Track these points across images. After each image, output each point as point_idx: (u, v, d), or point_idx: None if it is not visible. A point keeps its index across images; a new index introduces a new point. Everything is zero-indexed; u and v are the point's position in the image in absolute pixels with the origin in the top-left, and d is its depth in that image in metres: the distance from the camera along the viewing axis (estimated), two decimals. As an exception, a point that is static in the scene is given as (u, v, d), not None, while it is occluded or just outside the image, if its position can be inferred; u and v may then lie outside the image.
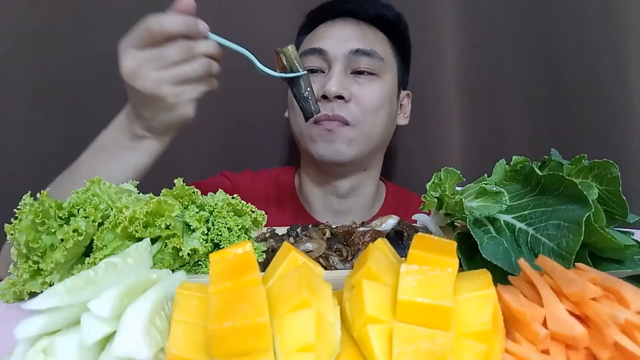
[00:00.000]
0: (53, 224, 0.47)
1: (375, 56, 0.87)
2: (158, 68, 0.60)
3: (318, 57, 0.87)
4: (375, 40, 0.90)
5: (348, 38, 0.87)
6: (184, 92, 0.63)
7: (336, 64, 0.86)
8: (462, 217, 0.52)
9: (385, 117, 0.89)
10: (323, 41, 0.88)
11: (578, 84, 1.10)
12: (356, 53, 0.86)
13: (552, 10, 1.09)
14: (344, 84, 0.84)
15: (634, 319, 0.33)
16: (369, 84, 0.87)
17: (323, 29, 0.92)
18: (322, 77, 0.87)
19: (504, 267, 0.45)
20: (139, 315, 0.34)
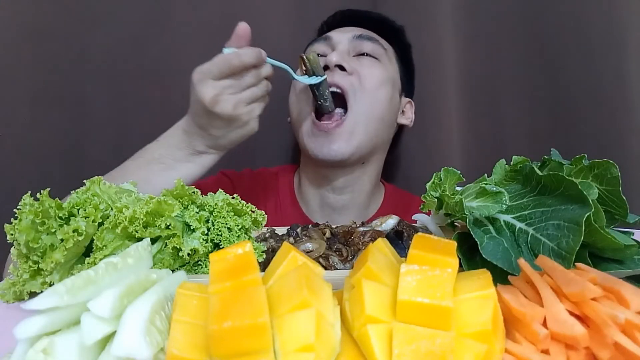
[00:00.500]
0: (53, 224, 0.47)
1: (378, 42, 0.91)
2: (235, 93, 0.71)
3: (323, 44, 0.92)
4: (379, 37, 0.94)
5: (353, 30, 0.93)
6: (254, 110, 0.74)
7: (339, 46, 0.90)
8: (462, 217, 0.52)
9: (385, 98, 0.89)
10: (329, 33, 0.94)
11: (578, 84, 1.10)
12: (360, 37, 0.90)
13: (552, 11, 1.09)
14: (346, 59, 0.87)
15: (634, 319, 0.33)
16: (371, 64, 0.89)
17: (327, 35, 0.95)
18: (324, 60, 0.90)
19: (504, 267, 0.45)
20: (139, 315, 0.34)
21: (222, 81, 0.70)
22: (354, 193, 0.95)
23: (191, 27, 1.05)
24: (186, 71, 1.06)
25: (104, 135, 1.06)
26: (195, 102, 0.71)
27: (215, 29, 1.06)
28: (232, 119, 0.71)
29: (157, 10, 1.04)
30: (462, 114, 1.14)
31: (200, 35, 1.05)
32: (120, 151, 1.07)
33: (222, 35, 1.06)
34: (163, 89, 1.06)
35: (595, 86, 1.09)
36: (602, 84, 1.08)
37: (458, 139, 1.14)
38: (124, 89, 1.05)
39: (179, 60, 1.06)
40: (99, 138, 1.06)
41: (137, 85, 1.05)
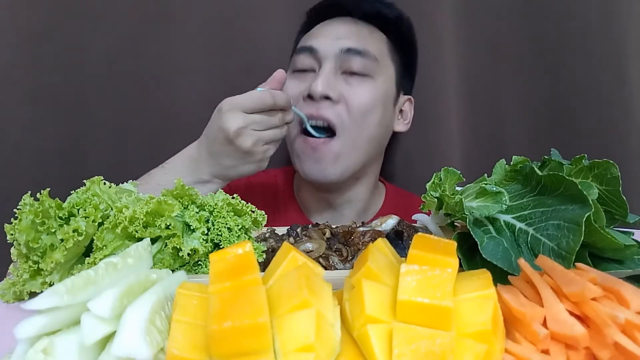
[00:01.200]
0: (53, 224, 0.47)
1: (368, 56, 0.83)
2: (259, 130, 0.73)
3: (308, 56, 0.85)
4: (371, 38, 0.87)
5: (341, 36, 0.84)
6: (269, 150, 0.76)
7: (326, 63, 0.83)
8: (462, 217, 0.52)
9: (375, 122, 0.85)
10: (315, 39, 0.86)
11: (578, 84, 1.10)
12: (347, 52, 0.82)
13: (552, 11, 1.09)
14: (332, 84, 0.81)
15: (634, 319, 0.33)
16: (359, 85, 0.83)
17: (318, 27, 0.89)
18: (311, 77, 0.84)
19: (504, 267, 0.45)
20: (139, 315, 0.34)
21: (251, 115, 0.72)
22: (352, 203, 0.94)
23: (191, 27, 1.05)
24: (186, 71, 1.07)
25: (104, 135, 1.06)
26: (217, 129, 0.72)
27: (215, 29, 1.06)
28: (247, 154, 0.73)
29: (157, 10, 1.04)
30: (462, 114, 1.14)
31: (200, 36, 1.05)
32: (120, 151, 1.07)
33: (222, 35, 1.06)
34: (163, 89, 1.06)
35: (595, 86, 1.09)
36: (602, 84, 1.08)
37: (458, 139, 1.14)
38: (124, 89, 1.05)
39: (179, 60, 1.06)
40: (99, 138, 1.06)
41: (137, 85, 1.05)
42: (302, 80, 0.85)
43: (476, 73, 1.12)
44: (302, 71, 0.86)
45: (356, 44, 0.83)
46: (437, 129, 1.13)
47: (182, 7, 1.04)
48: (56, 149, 1.03)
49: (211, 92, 1.07)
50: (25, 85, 0.99)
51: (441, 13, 1.09)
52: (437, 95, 1.11)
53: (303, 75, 0.86)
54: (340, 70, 0.84)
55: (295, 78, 0.86)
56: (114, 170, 1.04)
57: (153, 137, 1.08)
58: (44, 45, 0.99)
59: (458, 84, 1.12)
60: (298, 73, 0.87)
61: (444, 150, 1.13)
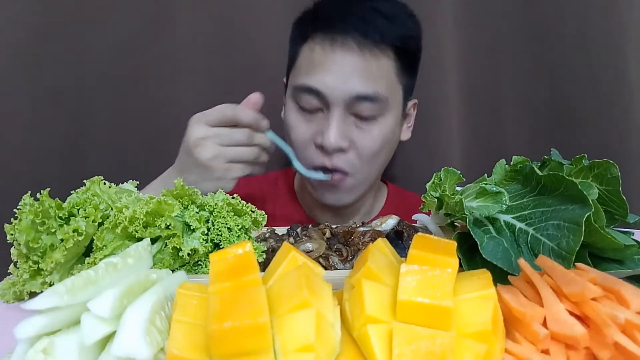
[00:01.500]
0: (53, 224, 0.47)
1: (378, 99, 0.78)
2: (219, 144, 0.71)
3: (315, 98, 0.78)
4: (379, 74, 0.78)
5: (348, 76, 0.76)
6: (232, 170, 0.72)
7: (335, 109, 0.77)
8: (462, 217, 0.52)
9: (385, 156, 0.86)
10: (319, 78, 0.77)
11: (578, 84, 1.10)
12: (357, 98, 0.76)
13: (552, 11, 1.09)
14: (344, 132, 0.78)
15: (634, 319, 0.33)
16: (370, 129, 0.80)
17: (320, 55, 0.78)
18: (320, 119, 0.80)
19: (504, 267, 0.45)
20: (139, 315, 0.34)
21: (214, 128, 0.71)
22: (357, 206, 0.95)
23: (191, 27, 1.05)
24: (186, 71, 1.07)
25: (104, 135, 1.06)
26: (183, 142, 0.73)
27: (215, 29, 1.06)
28: (206, 168, 0.70)
29: (157, 10, 1.04)
30: (462, 114, 1.14)
31: (200, 36, 1.05)
32: (120, 151, 1.07)
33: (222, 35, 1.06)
34: (163, 89, 1.06)
35: (596, 86, 1.09)
36: (602, 84, 1.08)
37: (458, 139, 1.14)
38: (124, 89, 1.05)
39: (179, 60, 1.06)
40: (99, 138, 1.06)
41: (137, 85, 1.05)
42: (310, 120, 0.81)
43: (476, 73, 1.12)
44: (309, 111, 0.81)
45: (365, 88, 0.77)
46: (437, 129, 1.13)
47: (182, 7, 1.04)
48: (56, 149, 1.03)
49: (211, 92, 1.07)
50: (25, 85, 0.99)
51: (441, 13, 1.09)
52: (437, 95, 1.11)
53: (310, 115, 0.81)
54: (349, 111, 0.79)
55: (303, 117, 0.82)
56: (114, 170, 1.04)
57: (153, 137, 1.08)
58: (44, 45, 0.99)
59: (458, 84, 1.12)
60: (305, 112, 0.81)
61: (444, 150, 1.13)
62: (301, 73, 0.81)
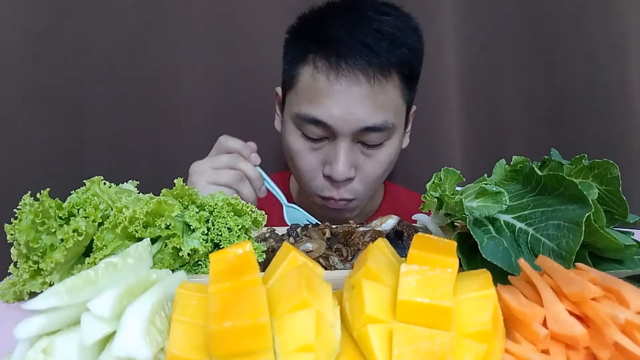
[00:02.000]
0: (53, 224, 0.47)
1: (386, 128, 0.77)
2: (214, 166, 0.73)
3: (321, 129, 0.77)
4: (386, 103, 0.77)
5: (356, 107, 0.74)
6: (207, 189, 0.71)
7: (342, 139, 0.77)
8: (462, 217, 0.52)
9: (388, 172, 0.87)
10: (327, 111, 0.75)
11: (578, 84, 1.10)
12: (365, 130, 0.76)
13: (553, 11, 1.09)
14: (351, 162, 0.78)
15: (634, 319, 0.33)
16: (376, 154, 0.80)
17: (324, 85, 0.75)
18: (327, 146, 0.79)
19: (504, 267, 0.45)
20: (139, 315, 0.34)
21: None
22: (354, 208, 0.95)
23: (191, 27, 1.05)
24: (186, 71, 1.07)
25: (104, 135, 1.06)
26: None
27: (215, 29, 1.06)
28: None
29: (157, 10, 1.04)
30: (462, 114, 1.14)
31: (200, 36, 1.05)
32: (120, 151, 1.07)
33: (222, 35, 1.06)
34: (163, 89, 1.06)
35: (596, 86, 1.09)
36: (603, 83, 1.08)
37: (458, 139, 1.14)
38: (124, 89, 1.05)
39: (178, 60, 1.06)
40: (99, 138, 1.06)
41: (137, 85, 1.05)
42: (316, 149, 0.81)
43: (476, 73, 1.13)
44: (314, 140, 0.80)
45: (373, 120, 0.75)
46: (437, 129, 1.13)
47: (182, 7, 1.04)
48: (56, 149, 1.03)
49: (211, 92, 1.07)
50: (25, 85, 0.99)
51: (441, 13, 1.09)
52: (437, 95, 1.11)
53: (316, 143, 0.80)
54: (356, 140, 0.78)
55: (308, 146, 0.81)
56: (114, 170, 1.04)
57: (153, 137, 1.08)
58: (44, 45, 0.99)
59: (458, 83, 1.12)
60: (310, 141, 0.80)
61: (444, 150, 1.14)
62: (304, 101, 0.78)
